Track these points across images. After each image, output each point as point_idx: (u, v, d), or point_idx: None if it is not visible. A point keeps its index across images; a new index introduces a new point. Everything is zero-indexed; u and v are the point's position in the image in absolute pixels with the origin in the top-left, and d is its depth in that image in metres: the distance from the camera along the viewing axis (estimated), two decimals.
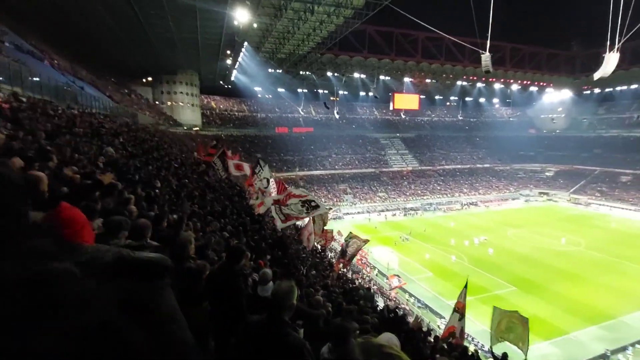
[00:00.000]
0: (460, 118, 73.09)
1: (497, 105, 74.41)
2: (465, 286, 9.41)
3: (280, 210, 11.24)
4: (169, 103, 47.46)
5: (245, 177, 16.24)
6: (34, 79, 13.88)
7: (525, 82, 55.39)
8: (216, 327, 2.66)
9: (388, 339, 2.17)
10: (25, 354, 0.60)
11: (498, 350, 8.98)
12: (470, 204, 49.72)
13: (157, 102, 46.83)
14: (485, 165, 61.06)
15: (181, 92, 48.00)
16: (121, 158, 9.51)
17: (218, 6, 23.61)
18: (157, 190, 7.17)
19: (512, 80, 54.71)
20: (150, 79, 47.07)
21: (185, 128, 45.01)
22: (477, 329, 17.35)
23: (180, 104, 48.13)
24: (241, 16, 24.82)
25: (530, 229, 36.34)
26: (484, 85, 58.84)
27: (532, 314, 18.99)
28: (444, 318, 18.13)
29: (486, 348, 16.05)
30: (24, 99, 10.00)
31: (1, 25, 19.70)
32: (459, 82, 56.26)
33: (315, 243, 18.23)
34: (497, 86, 58.42)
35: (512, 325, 8.51)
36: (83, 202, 2.62)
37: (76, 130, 9.86)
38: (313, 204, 10.24)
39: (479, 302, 20.10)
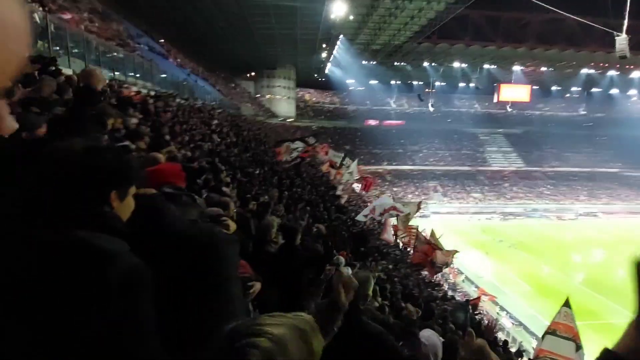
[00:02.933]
0: (582, 113, 62.12)
1: (634, 99, 60.90)
2: (567, 305, 8.00)
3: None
4: (267, 96, 51.12)
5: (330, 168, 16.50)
6: (161, 75, 16.32)
7: None
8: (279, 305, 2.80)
9: (428, 336, 2.03)
10: None
11: None
12: (586, 214, 42.29)
13: (257, 95, 50.86)
14: (612, 170, 50.90)
15: (279, 86, 51.21)
16: (223, 146, 10.63)
17: (317, 2, 24.32)
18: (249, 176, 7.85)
19: None
20: (253, 73, 51.20)
21: (280, 119, 47.95)
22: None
23: (278, 96, 51.40)
24: (338, 9, 25.13)
25: None
26: (618, 73, 48.86)
27: None
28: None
29: None
30: (152, 92, 11.84)
31: (137, 29, 23.57)
32: (583, 70, 47.83)
33: (399, 240, 17.79)
34: (637, 74, 47.94)
35: None
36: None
37: (190, 120, 11.34)
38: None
39: (589, 329, 17.18)
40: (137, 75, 13.49)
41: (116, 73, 12.05)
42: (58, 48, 9.43)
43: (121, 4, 24.89)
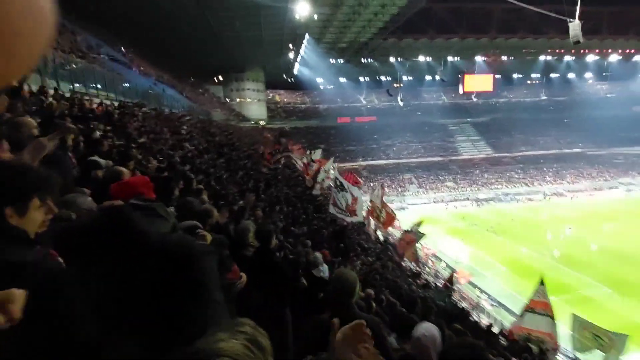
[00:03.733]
0: (544, 98, 65.12)
1: (590, 81, 64.64)
2: (542, 283, 8.42)
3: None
4: (237, 100, 50.47)
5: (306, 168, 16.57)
6: (125, 85, 15.77)
7: (628, 50, 47.30)
8: (264, 306, 2.79)
9: (426, 327, 2.08)
10: None
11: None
12: (554, 194, 44.45)
13: (227, 100, 50.10)
14: (576, 150, 53.73)
15: (248, 89, 50.69)
16: (195, 153, 10.41)
17: (280, 1, 24.22)
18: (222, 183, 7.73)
19: (610, 50, 47.09)
20: (221, 78, 50.40)
21: (252, 123, 47.48)
22: (566, 333, 15.65)
23: (248, 100, 50.86)
24: (302, 9, 25.15)
25: (633, 224, 31.26)
26: (574, 58, 51.69)
27: (632, 321, 16.61)
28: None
29: (571, 355, 14.50)
30: (116, 103, 11.42)
31: (97, 39, 22.65)
32: (542, 57, 50.27)
33: (377, 231, 18.06)
34: (591, 58, 50.87)
35: (601, 342, 7.35)
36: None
37: (158, 129, 11.03)
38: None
39: (563, 303, 18.07)
40: (99, 86, 12.98)
41: (76, 85, 11.54)
42: None
43: (78, 14, 23.81)
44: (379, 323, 2.03)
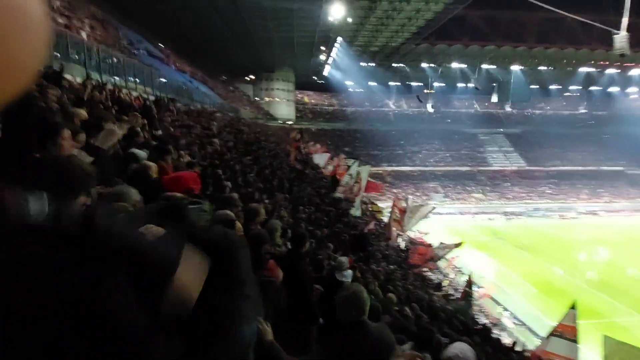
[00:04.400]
0: (583, 111, 62.05)
1: (634, 96, 60.85)
2: (574, 307, 7.97)
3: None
4: (266, 99, 51.24)
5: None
6: (161, 80, 16.36)
7: None
8: (287, 310, 2.80)
9: (461, 349, 2.01)
10: None
11: None
12: (588, 213, 42.13)
13: (256, 98, 50.98)
14: (615, 168, 50.75)
15: (278, 89, 51.35)
16: (224, 149, 10.63)
17: (314, 4, 24.41)
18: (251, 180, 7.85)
19: None
20: (252, 77, 51.34)
21: (280, 122, 48.02)
22: (589, 358, 14.80)
23: (277, 99, 51.51)
24: (336, 12, 25.22)
25: None
26: (618, 71, 48.91)
27: None
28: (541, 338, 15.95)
29: None
30: (152, 97, 11.86)
31: (137, 35, 23.65)
32: (582, 69, 47.90)
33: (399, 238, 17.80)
34: (636, 72, 47.97)
35: None
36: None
37: (190, 124, 11.36)
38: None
39: (592, 328, 17.10)
40: (137, 80, 13.53)
41: (116, 78, 12.08)
42: (59, 55, 9.47)
43: (120, 11, 25.01)
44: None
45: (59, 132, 1.93)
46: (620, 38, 9.98)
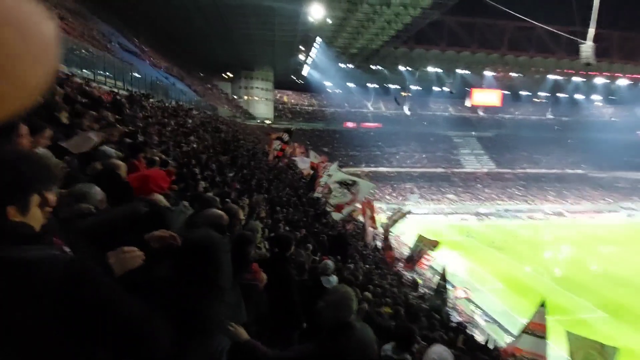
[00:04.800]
0: (550, 117, 65.15)
1: (597, 104, 64.66)
2: (543, 305, 8.32)
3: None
4: (245, 97, 50.58)
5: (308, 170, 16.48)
6: (135, 74, 15.78)
7: (637, 75, 47.36)
8: (271, 314, 2.75)
9: (439, 352, 2.03)
10: None
11: None
12: (554, 214, 44.32)
13: (235, 97, 50.20)
14: (578, 172, 53.72)
15: (257, 87, 50.79)
16: (201, 147, 10.37)
17: (295, 3, 24.31)
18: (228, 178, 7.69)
19: (619, 74, 47.12)
20: (230, 74, 50.52)
21: (258, 121, 47.54)
22: (556, 354, 15.50)
23: (256, 98, 50.95)
24: (316, 12, 25.22)
25: (631, 249, 31.14)
26: (583, 80, 51.72)
27: (625, 346, 16.45)
28: (513, 336, 16.59)
29: None
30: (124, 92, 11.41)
31: (111, 28, 22.72)
32: (550, 76, 50.30)
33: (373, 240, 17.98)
34: (600, 81, 50.93)
35: (590, 358, 7.29)
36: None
37: (165, 121, 11.00)
38: (350, 181, 10.16)
39: (559, 325, 17.93)
40: (108, 74, 12.97)
41: (84, 71, 11.53)
42: None
43: (95, 2, 23.94)
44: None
45: (14, 128, 1.75)
46: (586, 48, 10.50)
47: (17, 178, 0.84)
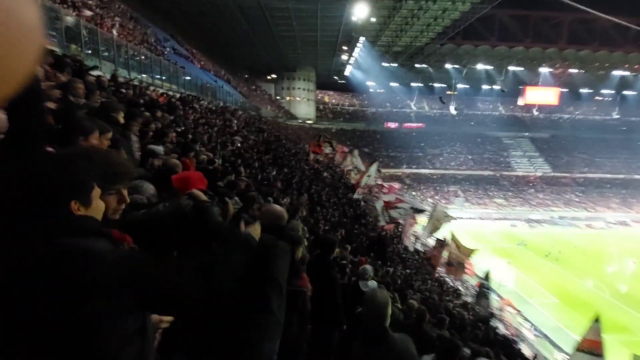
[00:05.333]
0: (616, 117, 59.21)
1: None
2: (597, 321, 7.58)
3: (386, 211, 11.18)
4: (287, 98, 51.54)
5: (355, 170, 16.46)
6: (186, 77, 16.70)
7: None
8: (312, 315, 2.77)
9: None
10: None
11: None
12: (618, 223, 40.25)
13: (277, 97, 51.35)
14: None
15: (299, 88, 51.56)
16: (244, 147, 10.73)
17: (337, 4, 24.31)
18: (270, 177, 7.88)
19: None
20: (274, 76, 51.77)
21: (300, 121, 48.22)
22: None
23: (297, 98, 51.73)
24: (360, 11, 25.04)
25: None
26: None
27: None
28: (563, 352, 15.36)
29: None
30: (177, 95, 12.11)
31: (165, 33, 24.21)
32: (616, 72, 45.74)
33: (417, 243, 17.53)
34: None
35: None
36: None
37: (213, 122, 11.52)
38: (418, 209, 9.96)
39: (620, 345, 16.33)
40: (163, 77, 13.84)
41: (143, 75, 12.40)
42: (90, 51, 9.81)
43: (149, 9, 25.70)
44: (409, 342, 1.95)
45: (91, 131, 1.96)
46: None
47: (76, 172, 0.90)
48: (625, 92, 55.98)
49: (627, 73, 46.12)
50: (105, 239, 0.91)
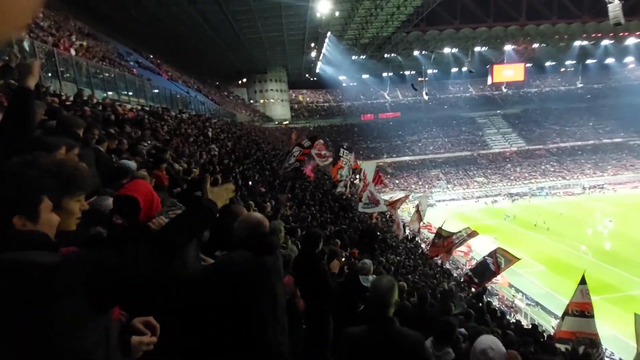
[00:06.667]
0: (580, 85, 61.43)
1: (631, 66, 60.21)
2: (583, 282, 7.85)
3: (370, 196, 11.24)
4: (261, 101, 51.13)
5: (329, 165, 16.34)
6: (154, 90, 16.28)
7: None
8: (307, 309, 2.72)
9: (492, 341, 1.93)
10: None
11: None
12: (594, 187, 41.97)
13: (251, 101, 50.87)
14: (616, 140, 50.46)
15: (271, 90, 51.20)
16: (222, 154, 10.56)
17: (300, 1, 24.21)
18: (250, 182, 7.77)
19: None
20: (244, 80, 51.21)
21: (276, 123, 47.92)
22: (605, 334, 14.68)
23: (271, 100, 51.39)
24: (323, 7, 25.02)
25: None
26: (612, 42, 48.47)
27: None
28: (559, 318, 15.86)
29: (617, 357, 13.63)
30: (146, 108, 11.79)
31: (127, 47, 23.55)
32: (576, 43, 47.47)
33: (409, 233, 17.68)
34: (632, 41, 47.46)
35: None
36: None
37: (187, 132, 11.28)
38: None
39: (607, 303, 17.03)
40: (130, 93, 13.44)
41: (109, 93, 12.00)
42: (50, 74, 9.41)
43: (107, 24, 24.91)
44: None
45: (56, 147, 1.87)
46: (614, 7, 9.85)
47: (20, 186, 0.83)
48: (587, 62, 58.25)
49: (586, 43, 47.92)
50: (51, 252, 0.84)
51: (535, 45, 47.51)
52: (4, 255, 0.77)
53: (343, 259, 5.39)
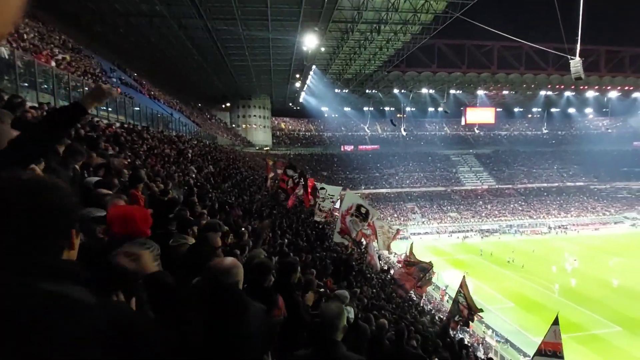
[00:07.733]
0: (545, 131, 65.85)
1: (590, 116, 65.62)
2: (556, 322, 8.04)
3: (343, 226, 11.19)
4: (243, 126, 51.37)
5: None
6: (135, 108, 16.09)
7: (627, 87, 48.30)
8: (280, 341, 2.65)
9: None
10: None
11: None
12: (559, 227, 43.97)
13: (233, 125, 50.98)
14: (578, 184, 53.77)
15: (254, 115, 51.69)
16: (201, 177, 10.44)
17: (289, 35, 25.15)
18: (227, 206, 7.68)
19: (609, 87, 48.10)
20: (228, 104, 51.54)
21: (257, 148, 48.01)
22: None
23: (254, 126, 51.73)
24: (310, 42, 26.04)
25: (638, 259, 30.66)
26: (574, 94, 52.75)
27: None
28: (528, 356, 16.00)
29: None
30: (125, 125, 11.61)
31: (111, 63, 23.41)
32: (542, 92, 51.29)
33: (382, 263, 17.68)
34: (591, 94, 51.86)
35: None
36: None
37: (166, 152, 11.13)
38: (363, 210, 9.98)
39: (573, 342, 17.40)
40: (110, 109, 13.23)
41: None
42: (27, 84, 9.19)
43: (93, 39, 24.82)
44: None
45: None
46: (575, 63, 10.81)
47: (64, 209, 0.74)
48: (551, 110, 62.93)
49: (550, 92, 51.87)
50: (84, 287, 0.76)
51: (505, 92, 50.93)
52: (50, 285, 0.69)
53: (321, 289, 5.33)
